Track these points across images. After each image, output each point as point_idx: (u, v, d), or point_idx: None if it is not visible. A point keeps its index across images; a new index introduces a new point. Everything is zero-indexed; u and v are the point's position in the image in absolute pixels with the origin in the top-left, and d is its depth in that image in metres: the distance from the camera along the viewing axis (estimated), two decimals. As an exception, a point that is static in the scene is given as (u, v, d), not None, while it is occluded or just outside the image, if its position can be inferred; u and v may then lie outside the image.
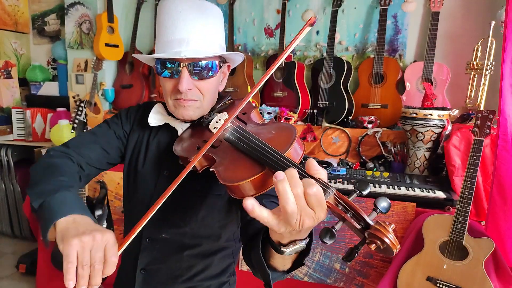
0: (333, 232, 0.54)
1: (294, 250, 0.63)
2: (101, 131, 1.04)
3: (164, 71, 0.89)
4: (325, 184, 0.57)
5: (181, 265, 0.99)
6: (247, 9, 2.91)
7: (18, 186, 3.12)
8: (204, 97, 0.93)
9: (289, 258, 0.69)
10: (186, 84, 0.87)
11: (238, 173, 0.68)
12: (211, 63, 0.89)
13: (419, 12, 2.48)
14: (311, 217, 0.55)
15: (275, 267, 0.71)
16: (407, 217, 1.75)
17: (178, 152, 0.86)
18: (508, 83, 1.55)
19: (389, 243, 0.52)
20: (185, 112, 0.92)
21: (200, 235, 0.98)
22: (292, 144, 0.67)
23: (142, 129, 1.05)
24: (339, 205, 0.56)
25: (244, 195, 0.66)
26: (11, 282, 2.68)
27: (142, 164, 1.02)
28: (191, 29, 0.86)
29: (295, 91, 2.58)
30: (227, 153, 0.75)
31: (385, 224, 0.53)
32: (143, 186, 1.01)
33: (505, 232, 1.58)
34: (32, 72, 3.34)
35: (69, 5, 3.00)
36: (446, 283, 1.54)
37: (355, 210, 0.55)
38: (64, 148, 0.97)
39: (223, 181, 0.68)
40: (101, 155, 1.00)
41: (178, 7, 0.87)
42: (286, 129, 0.76)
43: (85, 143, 0.99)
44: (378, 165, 2.20)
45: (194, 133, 0.93)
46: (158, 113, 1.01)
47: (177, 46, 0.87)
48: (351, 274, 1.87)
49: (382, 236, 0.52)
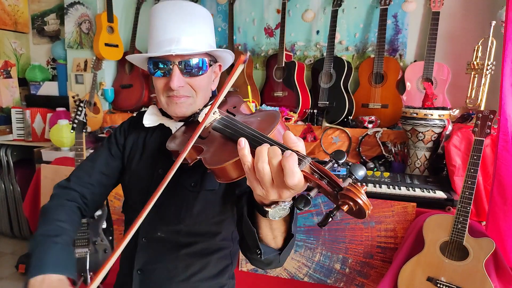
0: (308, 199, 0.55)
1: (277, 213, 0.65)
2: (97, 156, 1.09)
3: (156, 71, 0.93)
4: (301, 154, 0.58)
5: (177, 264, 0.99)
6: (247, 9, 2.91)
7: (18, 186, 3.11)
8: (196, 94, 0.96)
9: (277, 228, 0.71)
10: (177, 81, 0.90)
11: (223, 156, 0.69)
12: (201, 61, 0.92)
13: (419, 12, 2.48)
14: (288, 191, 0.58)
15: (266, 242, 0.73)
16: (408, 217, 1.75)
17: (171, 147, 0.88)
18: (509, 83, 1.55)
19: (361, 204, 0.52)
20: (177, 109, 0.95)
21: (195, 233, 0.98)
22: (275, 126, 0.69)
23: (137, 132, 1.08)
24: (314, 173, 0.57)
25: (230, 178, 0.68)
26: (11, 282, 2.68)
27: (137, 163, 1.05)
28: (181, 29, 0.90)
29: (295, 91, 2.58)
30: (215, 142, 0.77)
31: (357, 185, 0.53)
32: (139, 185, 1.03)
33: (505, 232, 1.58)
34: (32, 72, 3.34)
35: (69, 5, 3.00)
36: (447, 283, 1.54)
37: (330, 177, 0.56)
38: (66, 183, 1.05)
39: (208, 165, 0.70)
40: (102, 179, 1.06)
41: (168, 10, 0.91)
42: (270, 113, 0.79)
43: (85, 172, 1.06)
44: (379, 165, 2.19)
45: (187, 130, 0.95)
46: (152, 114, 1.04)
47: (167, 45, 0.90)
48: (351, 274, 1.87)
49: (354, 196, 0.52)
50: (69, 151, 2.70)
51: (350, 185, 0.54)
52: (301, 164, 0.56)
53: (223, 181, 0.70)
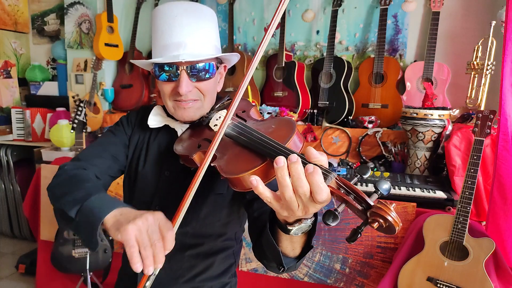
0: (336, 214, 0.55)
1: (300, 229, 0.65)
2: (107, 141, 1.05)
3: (162, 74, 0.90)
4: (326, 169, 0.58)
5: (182, 265, 0.99)
6: (247, 9, 2.91)
7: (18, 186, 3.12)
8: (204, 97, 0.94)
9: (297, 241, 0.71)
10: (185, 87, 0.88)
11: (239, 165, 0.68)
12: (208, 65, 0.90)
13: (419, 12, 2.48)
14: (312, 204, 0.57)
15: (285, 253, 0.73)
16: (408, 217, 1.75)
17: (179, 151, 0.87)
18: (509, 83, 1.55)
19: (391, 221, 0.52)
20: (185, 114, 0.93)
21: (201, 235, 0.98)
22: (291, 137, 0.68)
23: (142, 131, 1.06)
24: (340, 188, 0.58)
25: (246, 188, 0.67)
26: (11, 282, 2.68)
27: (143, 165, 1.02)
28: (187, 32, 0.88)
29: (295, 91, 2.58)
30: (228, 148, 0.76)
31: (386, 203, 0.54)
32: (144, 187, 1.01)
33: (505, 232, 1.58)
34: (32, 72, 3.34)
35: (69, 5, 3.00)
36: (447, 283, 1.54)
37: (357, 192, 0.56)
38: (76, 162, 0.97)
39: (225, 174, 0.68)
40: (112, 163, 1.02)
41: (174, 12, 0.89)
42: (285, 122, 0.77)
43: (95, 154, 1.00)
44: (379, 165, 2.19)
45: (194, 133, 0.93)
46: (157, 115, 1.02)
47: (174, 50, 0.88)
48: (351, 274, 1.87)
49: (384, 214, 0.52)
50: (69, 151, 2.70)
51: (380, 202, 0.54)
52: (327, 179, 0.56)
53: (239, 190, 0.69)
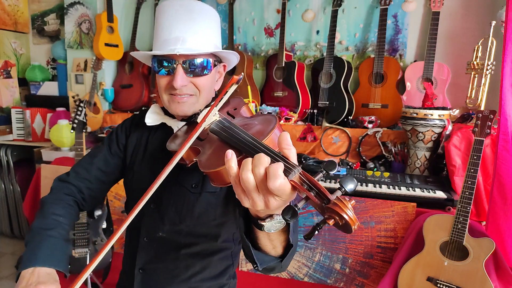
0: (295, 210, 0.54)
1: (273, 226, 0.64)
2: (97, 152, 1.10)
3: (161, 69, 0.92)
4: (290, 163, 0.57)
5: (178, 264, 1.00)
6: (247, 9, 2.91)
7: (18, 186, 3.11)
8: (200, 93, 0.95)
9: (276, 239, 0.71)
10: (180, 80, 0.90)
11: (217, 160, 0.69)
12: (205, 61, 0.92)
13: (419, 12, 2.48)
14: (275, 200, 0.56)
15: (266, 251, 0.73)
16: (408, 217, 1.75)
17: (171, 148, 0.88)
18: (509, 83, 1.55)
19: (347, 219, 0.51)
20: (179, 108, 0.95)
21: (196, 234, 0.98)
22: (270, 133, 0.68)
23: (140, 131, 1.08)
24: (303, 184, 0.56)
25: (223, 182, 0.68)
26: (11, 282, 2.68)
27: (140, 163, 1.04)
28: (186, 28, 0.90)
29: (295, 91, 2.58)
30: (212, 144, 0.77)
31: (344, 199, 0.53)
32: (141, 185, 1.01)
33: (505, 232, 1.58)
34: (32, 72, 3.34)
35: (69, 4, 3.00)
36: (447, 284, 1.54)
37: (319, 188, 0.55)
38: (65, 177, 1.06)
39: (202, 169, 0.70)
40: (100, 176, 1.07)
41: (176, 8, 0.90)
42: (267, 119, 0.78)
43: (84, 168, 1.07)
44: (379, 165, 2.19)
45: (188, 130, 0.94)
46: (154, 113, 1.04)
47: (172, 44, 0.90)
48: (351, 274, 1.87)
49: (340, 211, 0.51)
50: (69, 151, 2.70)
51: (337, 199, 0.53)
52: (291, 173, 0.55)
53: (217, 185, 0.70)
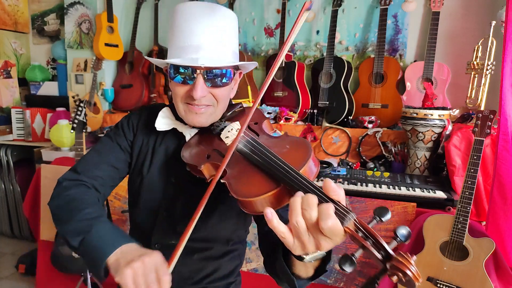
0: (352, 260, 0.53)
1: (314, 257, 0.62)
2: (105, 148, 1.02)
3: (177, 76, 0.87)
4: (345, 209, 0.55)
5: (190, 268, 0.99)
6: (247, 9, 2.91)
7: (18, 186, 3.12)
8: (218, 103, 0.91)
9: (311, 265, 0.69)
10: (200, 91, 0.85)
11: (251, 187, 0.66)
12: (226, 71, 0.87)
13: (419, 12, 2.48)
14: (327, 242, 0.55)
15: (299, 275, 0.71)
16: (408, 217, 1.75)
17: (187, 159, 0.84)
18: (509, 83, 1.55)
19: (411, 276, 0.50)
20: (196, 119, 0.90)
21: (209, 240, 0.99)
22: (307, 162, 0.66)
23: (147, 133, 1.02)
24: (358, 231, 0.55)
25: (256, 212, 0.64)
26: (11, 282, 2.68)
27: (148, 169, 0.99)
28: (207, 35, 0.84)
29: (295, 91, 2.58)
30: (239, 165, 0.72)
31: (407, 255, 0.51)
32: (150, 193, 0.99)
33: (505, 232, 1.58)
34: (32, 72, 3.34)
35: (69, 4, 3.00)
36: (447, 284, 1.54)
37: (375, 237, 0.53)
38: (75, 175, 0.95)
39: (235, 195, 0.66)
40: (112, 172, 0.99)
41: (195, 12, 0.85)
42: (301, 144, 0.74)
43: (93, 165, 0.98)
44: (379, 165, 2.19)
45: (202, 140, 0.90)
46: (166, 118, 0.97)
47: (193, 52, 0.84)
48: (352, 274, 1.87)
49: (404, 268, 0.50)
50: (69, 151, 2.70)
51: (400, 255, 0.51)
52: (345, 220, 0.54)
53: (248, 212, 0.67)
